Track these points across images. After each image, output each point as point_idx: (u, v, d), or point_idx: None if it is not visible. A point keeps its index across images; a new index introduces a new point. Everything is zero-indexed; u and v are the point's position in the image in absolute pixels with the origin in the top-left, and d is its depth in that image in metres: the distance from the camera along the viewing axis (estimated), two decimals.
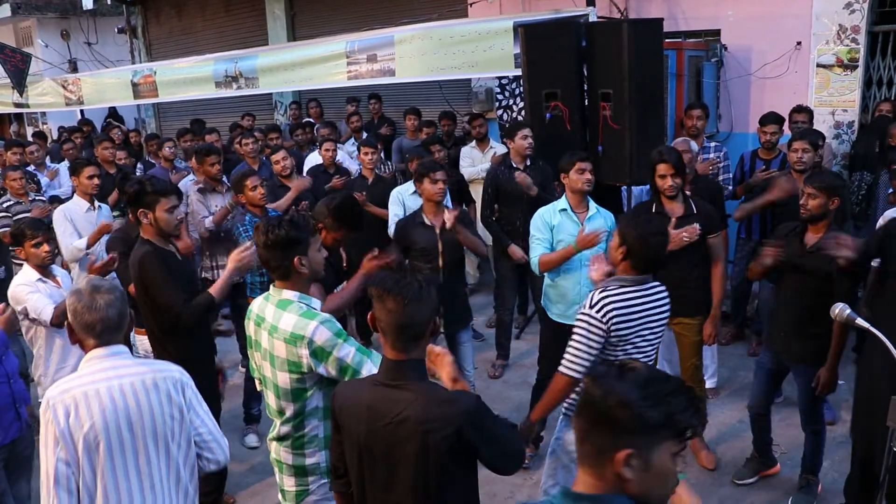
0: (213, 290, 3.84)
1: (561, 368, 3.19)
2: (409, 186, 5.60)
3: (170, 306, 3.72)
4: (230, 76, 8.78)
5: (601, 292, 3.16)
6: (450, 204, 5.37)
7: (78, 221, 5.64)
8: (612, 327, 3.12)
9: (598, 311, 3.11)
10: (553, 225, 4.55)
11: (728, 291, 6.60)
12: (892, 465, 2.65)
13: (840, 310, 2.89)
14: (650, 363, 3.36)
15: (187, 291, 3.81)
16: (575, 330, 3.20)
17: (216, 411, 4.06)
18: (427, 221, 4.73)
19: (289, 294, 2.90)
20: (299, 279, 2.92)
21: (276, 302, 2.90)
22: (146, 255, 3.78)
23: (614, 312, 3.11)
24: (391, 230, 5.45)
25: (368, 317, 2.32)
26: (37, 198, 6.81)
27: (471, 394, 2.32)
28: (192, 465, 2.71)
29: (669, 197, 4.47)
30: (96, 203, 5.85)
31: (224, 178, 6.28)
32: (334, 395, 2.45)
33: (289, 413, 2.92)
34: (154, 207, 3.84)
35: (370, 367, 2.76)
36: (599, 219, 4.58)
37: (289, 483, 3.05)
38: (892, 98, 7.22)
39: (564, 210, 4.57)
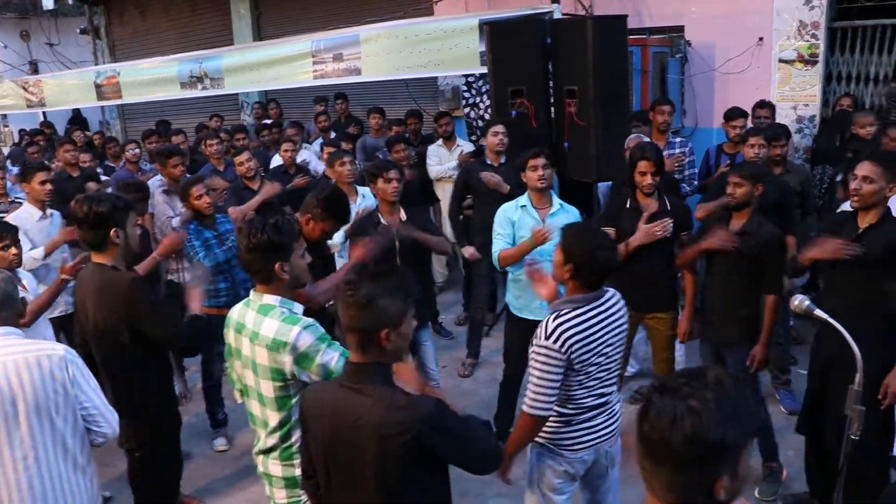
0: (196, 310, 3.60)
1: (525, 409, 2.96)
2: None
3: (171, 332, 3.49)
4: (195, 77, 8.70)
5: (556, 319, 2.91)
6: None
7: (30, 231, 5.30)
8: (573, 355, 2.89)
9: (555, 342, 2.87)
10: (514, 221, 4.56)
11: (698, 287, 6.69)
12: (850, 453, 2.69)
13: (799, 301, 2.91)
14: (616, 375, 3.20)
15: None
16: (533, 364, 2.94)
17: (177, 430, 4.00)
18: (383, 221, 4.69)
19: (270, 299, 2.83)
20: (280, 284, 2.85)
21: (258, 307, 2.83)
22: (134, 285, 3.40)
23: (573, 339, 2.88)
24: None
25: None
26: (16, 198, 6.65)
27: (430, 397, 2.26)
28: (82, 436, 2.86)
29: (646, 194, 4.52)
30: (48, 210, 5.59)
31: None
32: (302, 395, 2.42)
33: (274, 423, 2.87)
34: (125, 224, 3.44)
35: None
36: (563, 215, 4.56)
37: (280, 496, 2.98)
38: (852, 93, 7.35)
39: (524, 206, 4.58)
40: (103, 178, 7.34)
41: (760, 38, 7.42)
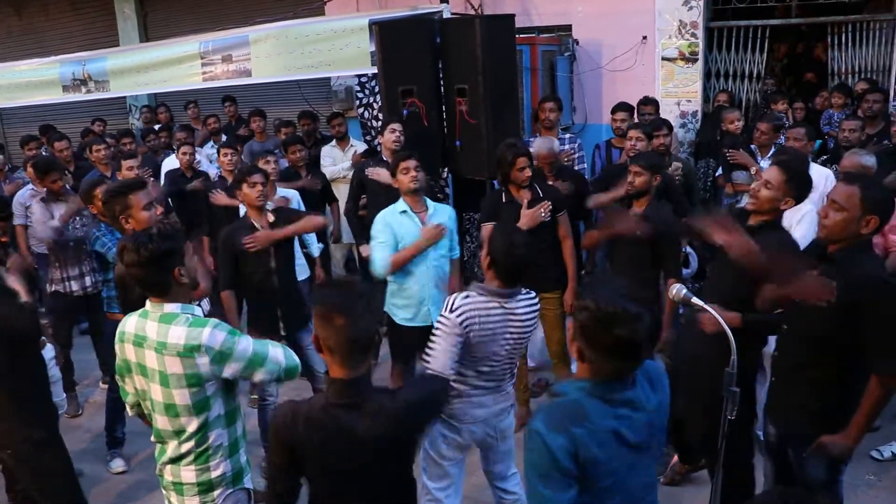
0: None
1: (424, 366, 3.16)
2: None
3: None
4: (78, 79, 8.33)
5: (463, 297, 3.16)
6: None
7: None
8: (470, 333, 3.11)
9: (457, 316, 3.11)
10: (394, 227, 4.49)
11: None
12: (727, 433, 2.80)
13: (676, 290, 2.99)
14: (511, 368, 3.39)
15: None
16: (434, 331, 3.17)
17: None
18: (256, 225, 4.61)
19: (171, 307, 2.76)
20: (180, 290, 2.79)
21: (159, 318, 2.75)
22: None
23: (471, 320, 3.12)
24: None
25: (312, 338, 2.30)
26: None
27: (399, 394, 2.45)
28: None
29: (523, 186, 4.69)
30: None
31: (69, 189, 5.98)
32: (280, 429, 2.35)
33: (192, 429, 2.79)
34: None
35: (274, 352, 2.80)
36: (441, 215, 4.61)
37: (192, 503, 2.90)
38: (730, 89, 7.72)
39: (405, 212, 4.53)
40: None
41: (644, 37, 7.69)
